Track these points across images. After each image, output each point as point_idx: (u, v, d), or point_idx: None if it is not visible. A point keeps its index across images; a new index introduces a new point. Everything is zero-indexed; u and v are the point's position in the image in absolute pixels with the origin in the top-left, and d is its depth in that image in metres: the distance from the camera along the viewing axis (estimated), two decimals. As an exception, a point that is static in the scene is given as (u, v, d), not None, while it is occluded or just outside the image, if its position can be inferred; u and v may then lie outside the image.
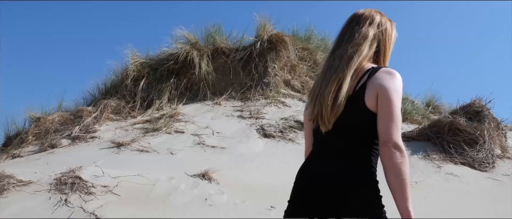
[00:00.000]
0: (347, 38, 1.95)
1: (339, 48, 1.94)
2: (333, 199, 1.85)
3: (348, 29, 1.98)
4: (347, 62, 1.85)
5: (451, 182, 7.51)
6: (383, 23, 2.02)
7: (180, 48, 11.68)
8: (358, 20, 1.99)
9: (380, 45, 1.99)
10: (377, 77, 1.82)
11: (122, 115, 10.62)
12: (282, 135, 9.29)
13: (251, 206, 5.36)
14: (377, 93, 1.80)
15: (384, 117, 1.77)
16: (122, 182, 5.61)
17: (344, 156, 1.89)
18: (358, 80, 1.86)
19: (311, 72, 12.68)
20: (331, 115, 1.85)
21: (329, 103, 1.83)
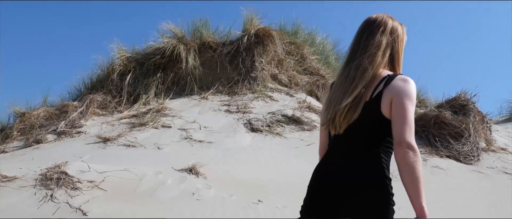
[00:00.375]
0: (361, 48, 2.01)
1: (354, 58, 2.02)
2: (341, 200, 1.94)
3: (362, 38, 2.04)
4: (362, 73, 1.95)
5: (437, 175, 7.59)
6: (395, 29, 2.07)
7: (166, 43, 11.61)
8: (371, 29, 2.05)
9: (393, 51, 2.06)
10: (393, 85, 1.91)
11: (108, 109, 10.55)
12: (269, 129, 9.30)
13: (238, 200, 5.36)
14: (392, 99, 1.90)
15: (398, 119, 1.88)
16: (108, 177, 5.57)
17: (354, 158, 1.98)
18: (374, 88, 1.95)
19: (298, 67, 12.69)
20: (344, 121, 1.96)
21: (344, 111, 1.94)
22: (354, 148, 1.99)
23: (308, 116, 10.14)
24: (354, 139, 1.98)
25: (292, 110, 10.23)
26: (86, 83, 11.81)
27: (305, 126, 9.64)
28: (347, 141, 2.00)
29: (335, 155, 2.07)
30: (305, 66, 12.85)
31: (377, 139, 1.98)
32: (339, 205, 1.94)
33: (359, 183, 1.94)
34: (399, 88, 1.90)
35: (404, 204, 2.04)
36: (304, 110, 10.38)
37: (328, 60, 14.07)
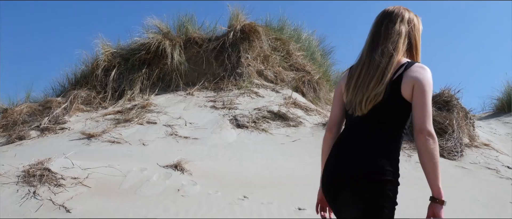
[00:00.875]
0: (383, 36, 2.16)
1: (377, 45, 2.15)
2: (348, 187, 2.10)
3: (382, 26, 2.18)
4: (389, 59, 2.09)
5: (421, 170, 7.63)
6: (411, 19, 2.22)
7: (152, 38, 11.54)
8: (390, 18, 2.19)
9: (411, 40, 2.20)
10: (413, 71, 2.05)
11: (92, 105, 10.45)
12: (255, 125, 9.30)
13: (223, 196, 5.35)
14: (414, 85, 2.03)
15: (419, 107, 2.01)
16: (92, 173, 5.52)
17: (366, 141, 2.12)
18: (394, 72, 2.08)
19: (284, 63, 12.69)
20: (370, 103, 2.08)
21: (371, 93, 2.07)
22: (372, 130, 2.12)
23: (294, 112, 10.15)
24: (376, 120, 2.12)
25: (278, 106, 10.23)
26: (70, 79, 11.70)
27: (291, 122, 9.66)
28: (369, 122, 2.13)
29: (355, 135, 2.17)
30: (291, 62, 12.86)
31: (395, 122, 2.12)
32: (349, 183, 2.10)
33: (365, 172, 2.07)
34: (420, 76, 2.03)
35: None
36: (290, 106, 10.39)
37: (314, 56, 14.09)
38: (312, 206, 5.33)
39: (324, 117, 10.45)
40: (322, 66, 14.17)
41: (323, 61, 14.61)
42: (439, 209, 2.09)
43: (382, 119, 2.11)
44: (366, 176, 2.06)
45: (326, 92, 12.91)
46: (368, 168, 2.07)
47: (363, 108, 2.11)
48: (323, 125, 9.64)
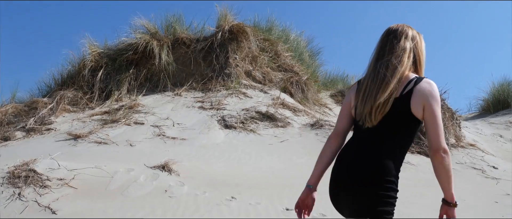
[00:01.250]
0: (388, 50, 2.29)
1: (382, 58, 2.29)
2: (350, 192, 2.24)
3: (387, 42, 2.32)
4: (392, 71, 2.21)
5: (408, 170, 7.70)
6: (414, 36, 2.36)
7: (139, 38, 11.47)
8: (395, 34, 2.33)
9: (415, 55, 2.33)
10: (422, 88, 2.18)
11: (79, 106, 10.37)
12: (243, 126, 9.29)
13: (211, 197, 5.33)
14: (424, 106, 2.16)
15: (433, 127, 2.16)
16: (79, 174, 5.48)
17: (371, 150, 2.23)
18: (404, 87, 2.20)
19: (272, 63, 12.70)
20: (379, 114, 2.19)
21: (379, 104, 2.19)
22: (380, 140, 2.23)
23: (282, 112, 10.16)
24: (385, 132, 2.22)
25: (266, 107, 10.23)
26: (56, 79, 11.59)
27: (279, 122, 9.66)
28: (377, 133, 2.23)
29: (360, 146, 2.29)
30: (279, 63, 12.87)
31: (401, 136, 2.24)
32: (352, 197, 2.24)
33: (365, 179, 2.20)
34: (429, 94, 2.16)
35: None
36: (278, 107, 10.40)
37: (302, 57, 14.12)
38: (300, 206, 5.33)
39: (312, 117, 10.48)
40: (310, 67, 14.21)
41: (311, 62, 14.65)
42: (452, 211, 2.29)
43: (391, 131, 2.22)
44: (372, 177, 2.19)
45: (314, 93, 12.93)
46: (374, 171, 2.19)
47: (373, 119, 2.21)
48: (311, 126, 9.67)
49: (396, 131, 2.22)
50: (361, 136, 2.31)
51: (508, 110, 13.79)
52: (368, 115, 2.23)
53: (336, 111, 12.67)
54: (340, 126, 2.47)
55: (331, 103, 13.44)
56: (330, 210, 5.24)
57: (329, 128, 9.52)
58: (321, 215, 5.05)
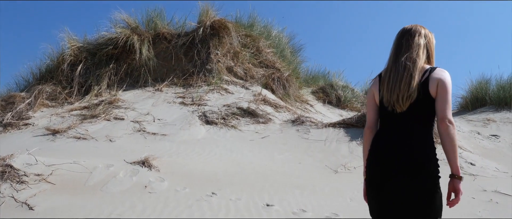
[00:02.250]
0: (405, 47, 2.65)
1: (400, 54, 2.64)
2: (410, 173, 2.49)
3: (404, 40, 2.68)
4: (414, 64, 2.57)
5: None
6: (427, 34, 2.72)
7: (119, 33, 11.36)
8: (409, 33, 2.69)
9: (428, 50, 2.70)
10: (437, 73, 2.54)
11: (58, 101, 10.22)
12: (224, 121, 9.27)
13: (192, 193, 5.31)
14: (437, 84, 2.50)
15: (442, 101, 2.48)
16: (57, 170, 5.39)
17: (411, 130, 2.55)
18: (422, 76, 2.56)
19: (253, 60, 12.68)
20: (407, 101, 2.53)
21: (405, 93, 2.53)
22: (413, 125, 2.56)
23: (263, 108, 10.16)
24: (413, 114, 2.55)
25: (248, 103, 10.22)
26: (34, 73, 11.42)
27: (260, 118, 9.66)
28: (409, 117, 2.56)
29: (396, 128, 2.61)
30: (260, 59, 12.86)
31: (428, 117, 2.56)
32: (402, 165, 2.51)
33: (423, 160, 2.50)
34: (442, 76, 2.52)
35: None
36: (259, 103, 10.40)
37: (283, 53, 14.13)
38: (280, 202, 5.35)
39: (293, 113, 10.50)
40: (292, 63, 14.23)
41: (293, 59, 14.68)
42: (458, 183, 2.53)
43: (418, 113, 2.55)
44: (424, 167, 2.49)
45: (296, 90, 12.96)
46: (427, 159, 2.50)
47: (402, 105, 2.55)
48: (292, 122, 9.70)
49: (422, 112, 2.55)
50: (393, 120, 2.63)
51: (485, 107, 14.01)
52: (396, 102, 2.56)
53: (317, 108, 12.73)
54: (371, 118, 2.80)
55: (312, 100, 13.50)
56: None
57: (310, 124, 9.56)
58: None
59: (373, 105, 2.77)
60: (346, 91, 14.58)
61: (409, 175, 2.49)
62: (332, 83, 14.84)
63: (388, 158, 2.58)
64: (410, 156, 2.51)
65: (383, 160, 2.60)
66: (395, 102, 2.57)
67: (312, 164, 7.57)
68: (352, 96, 14.49)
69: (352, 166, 7.53)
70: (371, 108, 2.79)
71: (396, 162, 2.53)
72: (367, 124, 2.81)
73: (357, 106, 14.01)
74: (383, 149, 2.62)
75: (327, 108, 13.36)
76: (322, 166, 7.48)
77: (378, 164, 2.62)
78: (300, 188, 6.06)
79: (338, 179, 6.86)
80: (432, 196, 2.50)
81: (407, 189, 2.49)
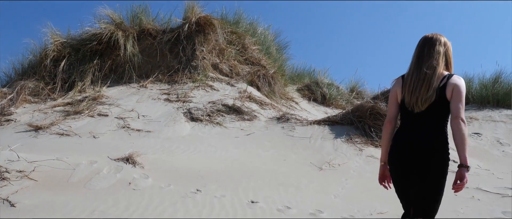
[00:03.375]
0: (427, 54, 3.03)
1: (422, 61, 3.03)
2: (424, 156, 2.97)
3: (425, 48, 3.06)
4: (433, 71, 2.98)
5: (372, 164, 7.83)
6: (446, 42, 3.09)
7: (104, 29, 11.25)
8: (431, 42, 3.07)
9: (447, 58, 3.07)
10: (453, 80, 2.96)
11: (41, 97, 10.09)
12: (209, 118, 9.25)
13: (176, 189, 5.29)
14: (453, 89, 2.94)
15: (456, 102, 2.93)
16: (39, 166, 5.33)
17: (431, 132, 2.99)
18: (440, 81, 2.97)
19: (239, 57, 12.66)
20: (425, 102, 2.97)
21: (424, 96, 2.97)
22: (431, 123, 3.00)
23: (248, 105, 10.16)
24: (431, 115, 2.99)
25: (233, 100, 10.21)
26: (16, 69, 11.29)
27: (246, 115, 9.66)
28: (426, 117, 3.00)
29: (415, 126, 3.04)
30: (246, 56, 12.85)
31: (443, 116, 3.01)
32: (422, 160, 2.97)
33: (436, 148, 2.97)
34: (458, 83, 2.95)
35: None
36: (244, 100, 10.39)
37: (269, 50, 14.14)
38: (265, 199, 5.35)
39: (278, 111, 10.52)
40: (277, 60, 14.24)
41: (278, 56, 14.69)
42: (464, 172, 2.90)
43: (435, 113, 2.99)
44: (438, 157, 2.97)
45: (281, 87, 12.98)
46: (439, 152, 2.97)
47: (421, 106, 2.99)
48: (278, 119, 9.71)
49: (438, 112, 2.99)
50: (413, 118, 3.06)
51: (468, 106, 14.15)
52: (415, 104, 3.00)
53: (302, 105, 12.77)
54: (392, 113, 3.23)
55: (298, 97, 13.53)
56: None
57: (295, 121, 9.58)
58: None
59: (395, 102, 3.20)
60: (331, 89, 14.65)
61: (425, 157, 2.97)
62: (318, 80, 14.89)
63: (409, 151, 3.03)
64: (427, 144, 2.97)
65: (405, 153, 3.05)
66: (415, 104, 3.01)
67: (297, 161, 7.60)
68: (337, 94, 14.57)
69: (337, 163, 7.56)
70: (393, 105, 3.22)
71: (415, 153, 3.00)
72: (387, 118, 3.25)
73: (342, 103, 14.09)
74: (405, 144, 3.07)
75: (312, 106, 13.41)
76: (306, 163, 7.51)
77: (401, 156, 3.08)
78: (285, 185, 6.07)
79: (322, 176, 6.89)
80: (441, 173, 2.98)
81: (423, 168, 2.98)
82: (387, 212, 5.28)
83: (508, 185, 6.61)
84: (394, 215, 5.23)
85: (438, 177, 2.98)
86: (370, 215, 5.15)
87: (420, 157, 2.99)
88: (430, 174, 2.97)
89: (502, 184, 6.61)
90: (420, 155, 2.99)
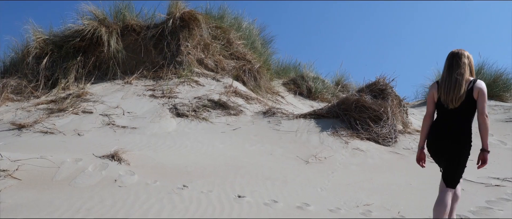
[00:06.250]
0: (456, 65, 3.93)
1: (453, 70, 3.93)
2: (455, 143, 3.88)
3: (454, 60, 3.96)
4: (462, 77, 3.88)
5: (357, 156, 7.88)
6: (469, 56, 3.99)
7: (87, 25, 11.12)
8: (458, 56, 3.96)
9: (470, 67, 3.98)
10: (478, 84, 3.86)
11: (23, 95, 9.96)
12: (195, 114, 9.21)
13: (162, 185, 5.26)
14: (478, 92, 3.83)
15: (481, 102, 3.82)
16: (23, 165, 5.26)
17: (461, 123, 3.89)
18: (468, 85, 3.87)
19: (224, 51, 12.62)
20: (458, 101, 3.86)
21: (457, 95, 3.85)
22: (461, 117, 3.89)
23: (234, 100, 10.14)
24: (462, 111, 3.88)
25: (219, 95, 10.19)
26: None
27: (232, 110, 9.64)
28: (458, 112, 3.89)
29: (450, 120, 3.93)
30: (231, 51, 12.81)
31: (471, 112, 3.89)
32: (454, 146, 3.88)
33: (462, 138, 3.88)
34: (482, 86, 3.86)
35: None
36: (230, 95, 10.37)
37: (254, 45, 14.11)
38: (252, 193, 5.35)
39: (264, 105, 10.52)
40: (263, 55, 14.23)
41: (263, 50, 14.67)
42: (486, 155, 3.85)
43: (464, 109, 3.88)
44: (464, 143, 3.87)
45: (267, 81, 12.97)
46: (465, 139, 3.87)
47: (455, 104, 3.87)
48: (264, 113, 9.72)
49: (467, 109, 3.87)
50: (447, 113, 3.94)
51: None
52: (450, 101, 3.88)
53: (288, 99, 12.79)
54: (430, 110, 4.12)
55: (284, 91, 13.54)
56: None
57: (281, 115, 9.59)
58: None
59: (432, 102, 4.09)
60: (317, 82, 14.69)
61: (454, 142, 3.88)
62: (303, 74, 14.92)
63: (444, 136, 3.93)
64: (457, 132, 3.88)
65: (441, 137, 3.96)
66: (449, 102, 3.89)
67: (283, 155, 7.61)
68: (323, 88, 14.61)
69: (323, 156, 7.60)
70: (431, 104, 4.12)
71: (448, 137, 3.91)
72: (426, 113, 4.15)
73: (327, 97, 14.14)
74: (441, 131, 3.97)
75: (298, 100, 13.44)
76: (293, 156, 7.52)
77: (438, 139, 3.98)
78: (272, 179, 6.08)
79: (309, 169, 6.91)
80: (461, 159, 3.88)
81: (453, 149, 3.88)
82: (373, 203, 5.32)
83: (491, 175, 6.70)
84: (380, 206, 5.27)
85: (461, 158, 3.88)
86: (356, 207, 5.18)
87: (449, 143, 3.89)
88: (455, 156, 3.88)
89: (485, 174, 6.69)
90: (449, 141, 3.90)
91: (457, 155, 3.90)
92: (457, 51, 4.03)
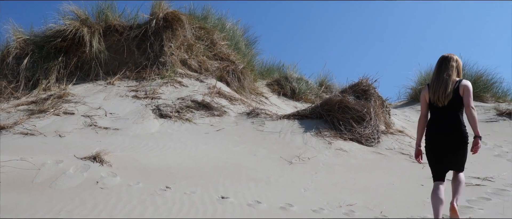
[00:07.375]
0: (444, 67, 4.37)
1: (442, 72, 4.35)
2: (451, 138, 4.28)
3: (443, 63, 4.41)
4: (449, 77, 4.30)
5: (340, 157, 7.92)
6: (456, 59, 4.43)
7: (68, 25, 10.99)
8: (447, 59, 4.41)
9: (458, 69, 4.42)
10: (463, 82, 4.28)
11: (3, 96, 9.81)
12: (178, 115, 9.17)
13: (145, 187, 5.22)
14: (464, 89, 4.24)
15: (467, 96, 4.22)
16: (2, 167, 5.17)
17: (452, 118, 4.28)
18: (454, 84, 4.28)
19: (208, 52, 12.58)
20: (446, 99, 4.26)
21: (444, 95, 4.27)
22: (451, 112, 4.29)
23: (218, 101, 10.12)
24: (451, 108, 4.28)
25: (202, 96, 10.15)
26: (-23, 67, 10.88)
27: (215, 111, 9.62)
28: (447, 109, 4.29)
29: (442, 117, 4.32)
30: (215, 52, 12.77)
31: (459, 107, 4.29)
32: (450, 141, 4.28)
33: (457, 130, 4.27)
34: (466, 84, 4.27)
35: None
36: (214, 96, 10.35)
37: (238, 46, 14.09)
38: (235, 194, 5.34)
39: (248, 106, 10.51)
40: (247, 56, 14.22)
41: (247, 51, 14.66)
42: (478, 140, 4.24)
43: (453, 106, 4.28)
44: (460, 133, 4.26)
45: (251, 82, 12.96)
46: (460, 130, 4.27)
47: (444, 102, 4.28)
48: (247, 114, 9.71)
49: (456, 105, 4.27)
50: (439, 111, 4.35)
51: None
52: (439, 100, 4.30)
53: (272, 100, 12.79)
54: (423, 111, 4.53)
55: (267, 92, 13.55)
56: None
57: (265, 116, 9.60)
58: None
59: (425, 103, 4.47)
60: (301, 83, 14.72)
61: (452, 134, 4.27)
62: (287, 75, 14.93)
63: (439, 132, 4.32)
64: (451, 126, 4.27)
65: (436, 134, 4.34)
66: (438, 101, 4.31)
67: (267, 155, 7.61)
68: (307, 88, 14.65)
69: (306, 156, 7.62)
70: (424, 105, 4.51)
71: (443, 133, 4.30)
72: (421, 114, 4.58)
73: (311, 98, 14.18)
74: (438, 127, 4.34)
75: (282, 101, 13.45)
76: (276, 157, 7.53)
77: (438, 135, 4.33)
78: (255, 180, 6.08)
79: (292, 170, 6.92)
80: (463, 148, 4.29)
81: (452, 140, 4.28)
82: (356, 203, 5.34)
83: (472, 174, 6.78)
84: (363, 206, 5.30)
85: (462, 147, 4.28)
86: (339, 207, 5.20)
87: (448, 136, 4.28)
88: (456, 146, 4.28)
89: (466, 173, 6.72)
90: (447, 135, 4.29)
91: (458, 144, 4.27)
92: (447, 55, 4.48)
